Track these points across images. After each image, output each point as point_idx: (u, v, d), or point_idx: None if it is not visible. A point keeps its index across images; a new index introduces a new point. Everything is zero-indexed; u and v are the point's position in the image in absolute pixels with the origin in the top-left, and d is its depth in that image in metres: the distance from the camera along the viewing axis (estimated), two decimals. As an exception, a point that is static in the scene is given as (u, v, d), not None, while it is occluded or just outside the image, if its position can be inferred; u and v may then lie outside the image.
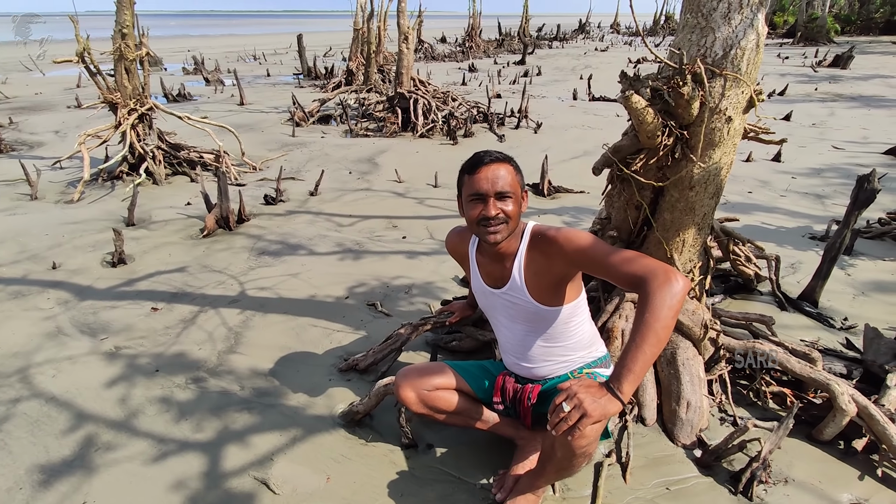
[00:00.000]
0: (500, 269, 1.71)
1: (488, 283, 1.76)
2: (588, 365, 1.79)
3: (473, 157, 1.61)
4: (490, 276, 1.76)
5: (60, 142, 7.12)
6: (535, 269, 1.64)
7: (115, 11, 5.16)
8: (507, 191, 1.56)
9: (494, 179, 1.56)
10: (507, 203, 1.57)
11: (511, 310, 1.74)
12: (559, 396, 1.30)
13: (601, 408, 1.26)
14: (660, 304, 1.31)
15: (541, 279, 1.64)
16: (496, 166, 1.57)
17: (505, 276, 1.70)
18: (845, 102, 9.55)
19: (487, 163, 1.57)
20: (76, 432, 2.09)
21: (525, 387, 1.83)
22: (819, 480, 1.84)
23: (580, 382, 1.31)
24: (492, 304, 1.80)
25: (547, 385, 1.81)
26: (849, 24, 27.84)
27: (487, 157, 1.58)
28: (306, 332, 2.77)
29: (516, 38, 25.81)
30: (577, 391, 1.29)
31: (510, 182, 1.56)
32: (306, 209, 4.68)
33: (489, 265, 1.75)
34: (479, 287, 1.82)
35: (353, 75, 11.98)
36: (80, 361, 2.54)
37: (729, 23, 1.57)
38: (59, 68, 16.14)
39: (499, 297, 1.74)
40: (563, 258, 1.57)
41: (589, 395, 1.28)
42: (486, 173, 1.56)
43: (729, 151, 1.77)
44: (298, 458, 1.96)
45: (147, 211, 4.58)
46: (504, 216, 1.57)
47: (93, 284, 3.31)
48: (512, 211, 1.57)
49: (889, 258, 3.48)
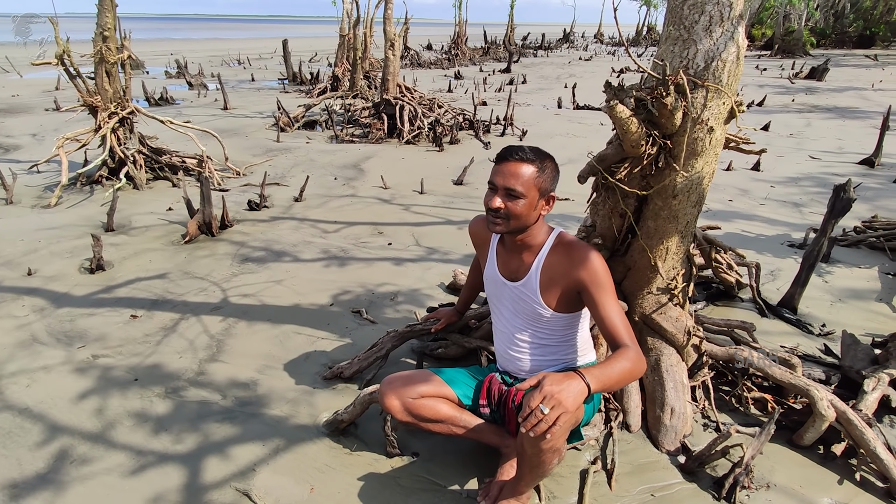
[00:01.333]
0: (519, 264, 1.77)
1: (503, 274, 1.82)
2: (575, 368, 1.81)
3: (504, 149, 1.65)
4: (506, 267, 1.81)
5: (38, 145, 6.97)
6: (551, 275, 1.71)
7: (97, 14, 5.07)
8: (516, 190, 1.60)
9: (509, 176, 1.60)
10: (513, 201, 1.61)
11: (517, 304, 1.80)
12: (533, 398, 1.33)
13: (573, 397, 1.34)
14: (627, 362, 1.51)
15: (554, 285, 1.71)
16: (518, 164, 1.61)
17: (522, 271, 1.76)
18: (821, 113, 9.80)
19: (511, 159, 1.62)
20: (50, 445, 2.03)
21: (511, 389, 1.84)
22: (800, 485, 1.86)
23: (550, 379, 1.35)
24: (500, 294, 1.85)
25: None
26: (824, 38, 28.65)
27: (514, 154, 1.62)
28: (290, 340, 2.74)
29: (502, 47, 26.05)
30: (552, 390, 1.33)
31: (524, 182, 1.60)
32: (291, 215, 4.64)
33: (508, 256, 1.80)
34: (492, 275, 1.86)
35: (338, 81, 11.95)
36: (55, 371, 2.47)
37: (710, 35, 1.60)
38: (38, 70, 15.84)
39: (511, 289, 1.80)
40: (573, 277, 1.65)
41: (563, 390, 1.33)
42: (505, 168, 1.62)
43: (711, 161, 1.80)
44: (281, 468, 1.93)
45: (127, 216, 4.49)
46: (505, 212, 1.62)
47: (70, 291, 3.23)
48: (517, 211, 1.61)
49: (864, 265, 3.56)
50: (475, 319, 2.52)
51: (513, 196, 1.61)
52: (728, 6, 1.57)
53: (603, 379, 1.42)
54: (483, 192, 5.27)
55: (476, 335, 2.47)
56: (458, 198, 5.12)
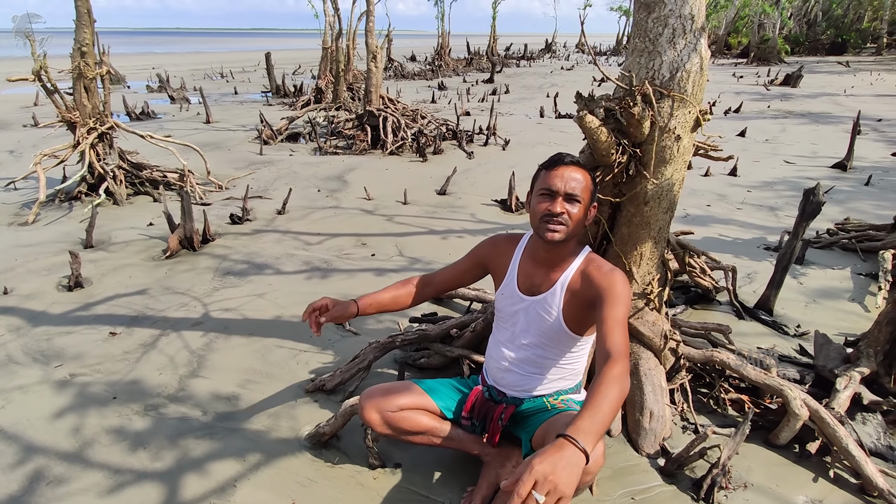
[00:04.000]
0: (544, 277, 1.72)
1: (522, 290, 1.76)
2: (565, 391, 1.82)
3: (555, 155, 1.65)
4: (528, 281, 1.75)
5: (15, 162, 6.87)
6: (574, 291, 1.66)
7: (75, 29, 5.05)
8: (576, 194, 1.59)
9: (569, 179, 1.59)
10: (574, 206, 1.60)
11: (532, 320, 1.74)
12: (523, 484, 1.07)
13: (571, 476, 1.11)
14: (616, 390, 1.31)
15: (574, 301, 1.67)
16: (574, 169, 1.60)
17: (545, 285, 1.71)
18: (796, 119, 10.05)
19: (567, 164, 1.61)
20: (25, 465, 1.99)
21: (499, 406, 1.85)
22: (776, 484, 1.89)
23: (539, 458, 1.12)
24: (515, 310, 1.78)
25: (522, 407, 1.82)
26: (798, 45, 29.43)
27: (568, 158, 1.62)
28: (272, 354, 2.72)
29: (485, 58, 26.32)
30: (544, 472, 1.09)
31: (582, 188, 1.60)
32: (273, 228, 4.63)
33: (533, 269, 1.74)
34: (510, 292, 1.79)
35: (322, 93, 11.99)
36: (32, 391, 2.43)
37: (674, 47, 1.66)
38: (15, 86, 15.63)
39: (529, 303, 1.74)
40: (595, 289, 1.60)
41: (557, 469, 1.10)
42: (562, 172, 1.60)
43: (680, 168, 1.84)
44: (262, 483, 1.91)
45: (107, 232, 4.45)
46: (567, 217, 1.59)
47: (47, 310, 3.18)
48: (576, 215, 1.60)
49: (837, 266, 3.65)
50: (457, 328, 2.53)
51: (574, 200, 1.59)
52: (690, 19, 1.63)
53: (597, 428, 1.20)
54: (467, 201, 5.38)
55: (458, 344, 2.48)
56: (441, 207, 5.15)
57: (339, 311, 1.79)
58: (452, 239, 4.33)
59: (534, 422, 1.74)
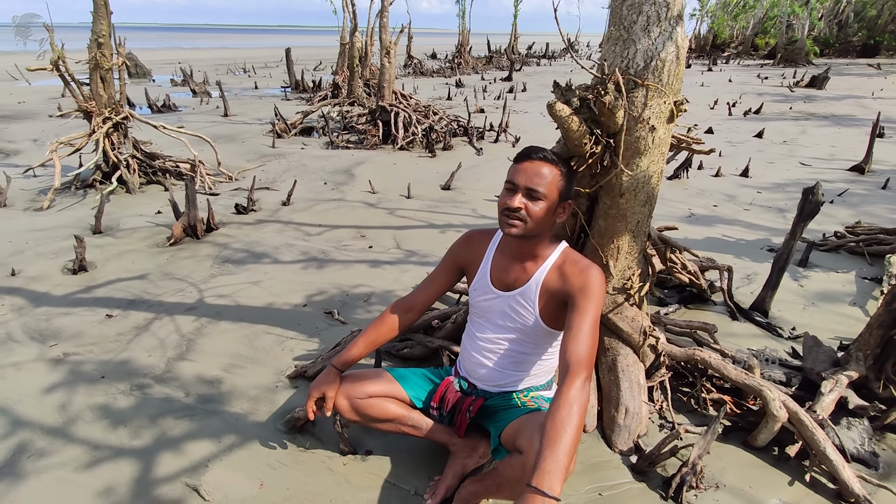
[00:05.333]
0: (519, 273, 1.69)
1: (495, 284, 1.73)
2: (535, 388, 1.82)
3: (526, 148, 1.59)
4: (502, 277, 1.72)
5: (38, 150, 7.09)
6: (550, 287, 1.64)
7: (92, 21, 5.19)
8: (538, 190, 1.53)
9: (532, 175, 1.54)
10: (535, 202, 1.54)
11: (506, 315, 1.72)
12: None
13: None
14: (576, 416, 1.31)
15: (551, 298, 1.64)
16: (540, 164, 1.55)
17: (521, 280, 1.68)
18: (817, 121, 9.77)
19: (534, 158, 1.56)
20: (10, 439, 2.06)
21: (467, 398, 1.85)
22: (749, 486, 1.85)
23: None
24: (489, 307, 1.76)
25: (490, 401, 1.82)
26: (828, 47, 28.57)
27: (537, 154, 1.56)
28: (259, 340, 2.76)
29: (505, 56, 26.20)
30: None
31: (547, 183, 1.54)
32: (276, 218, 4.68)
33: (507, 265, 1.71)
34: (482, 285, 1.76)
35: (339, 89, 12.07)
36: (25, 368, 2.51)
37: (648, 35, 1.62)
38: (45, 78, 16.11)
39: (503, 299, 1.72)
40: (569, 285, 1.58)
41: None
42: (526, 167, 1.56)
43: (657, 160, 1.81)
44: (234, 464, 1.94)
45: (116, 219, 4.56)
46: (525, 213, 1.54)
47: (50, 291, 3.28)
48: (536, 212, 1.54)
49: (842, 270, 3.54)
50: (438, 320, 2.53)
51: (534, 197, 1.53)
52: (665, 6, 1.60)
53: (561, 465, 1.23)
54: (470, 196, 5.37)
55: (439, 335, 2.49)
56: (443, 202, 5.15)
57: (331, 389, 1.79)
58: (451, 233, 4.33)
59: (503, 416, 1.73)
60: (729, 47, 32.12)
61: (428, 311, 2.60)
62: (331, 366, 1.83)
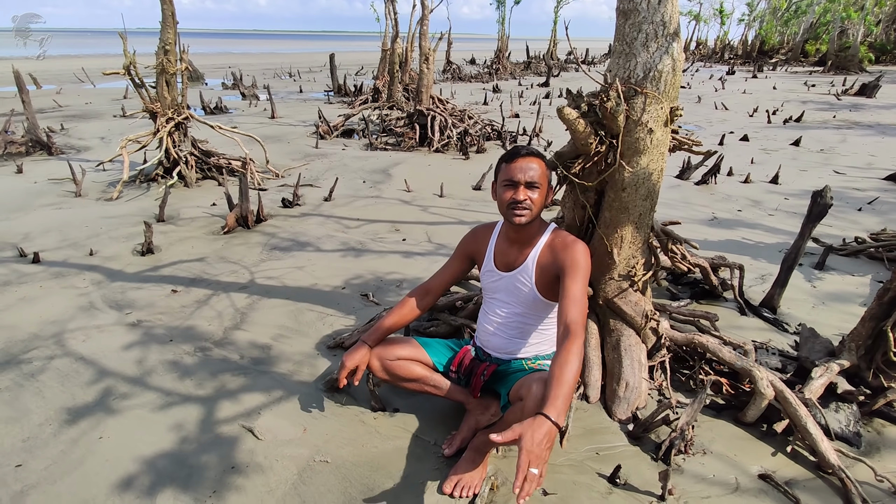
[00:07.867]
0: (517, 254, 1.99)
1: (499, 267, 2.05)
2: (542, 356, 2.08)
3: (512, 149, 1.91)
4: (504, 259, 2.04)
5: (105, 146, 7.77)
6: (543, 263, 1.94)
7: (160, 30, 5.73)
8: (535, 181, 1.85)
9: (527, 169, 1.85)
10: (534, 192, 1.85)
11: (510, 291, 2.03)
12: (521, 464, 1.34)
13: (549, 446, 1.41)
14: (576, 361, 1.58)
15: (545, 272, 1.94)
16: (529, 159, 1.87)
17: (519, 260, 1.99)
18: (860, 130, 9.55)
19: (523, 155, 1.87)
20: (98, 384, 2.46)
21: (482, 364, 2.13)
22: (735, 454, 2.05)
23: (527, 438, 1.37)
24: (496, 286, 2.08)
25: (501, 367, 2.10)
26: (884, 54, 27.38)
27: (524, 151, 1.88)
28: (303, 315, 3.11)
29: (543, 62, 26.30)
30: (533, 450, 1.36)
31: (539, 175, 1.84)
32: (319, 212, 5.07)
33: (508, 249, 2.02)
34: (489, 268, 2.08)
35: (379, 93, 12.55)
36: (107, 330, 2.93)
37: (647, 50, 1.86)
38: (108, 81, 17.31)
39: (506, 279, 2.03)
40: (559, 260, 1.87)
41: (540, 444, 1.38)
42: (520, 164, 1.86)
43: (656, 159, 2.04)
44: (281, 413, 2.28)
45: (176, 209, 5.04)
46: (530, 202, 1.84)
47: (123, 269, 3.74)
48: (537, 199, 1.85)
49: (859, 273, 3.62)
50: (462, 301, 2.81)
51: (534, 187, 1.83)
52: (662, 25, 1.83)
53: (564, 400, 1.47)
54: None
55: (462, 315, 2.76)
56: (474, 201, 5.43)
57: (363, 362, 2.05)
58: (479, 230, 4.60)
59: (512, 379, 2.00)
60: (777, 54, 31.20)
61: (448, 294, 2.90)
62: (361, 341, 2.12)
